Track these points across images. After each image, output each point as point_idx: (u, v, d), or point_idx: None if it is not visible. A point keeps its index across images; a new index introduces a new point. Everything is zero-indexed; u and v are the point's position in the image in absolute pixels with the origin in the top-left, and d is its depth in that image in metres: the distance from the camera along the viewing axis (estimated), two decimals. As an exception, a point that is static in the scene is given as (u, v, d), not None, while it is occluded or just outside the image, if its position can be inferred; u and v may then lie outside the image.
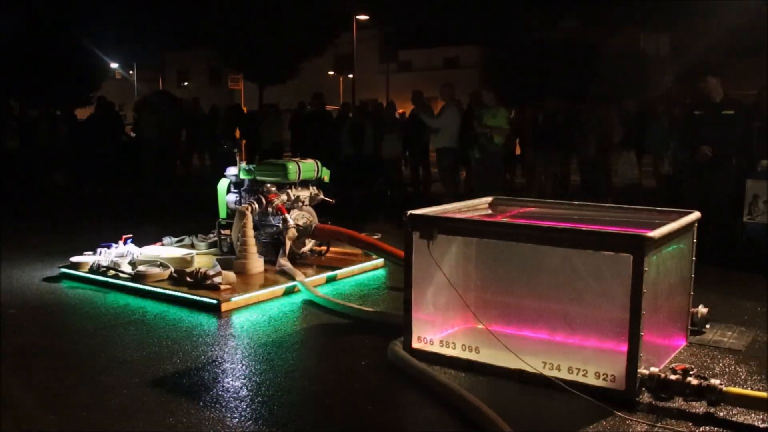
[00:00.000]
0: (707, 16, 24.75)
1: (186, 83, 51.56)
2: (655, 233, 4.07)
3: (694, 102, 9.39)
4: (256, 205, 7.30)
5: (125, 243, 7.44)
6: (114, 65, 41.36)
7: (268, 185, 7.49)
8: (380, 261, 7.65)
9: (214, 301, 6.07)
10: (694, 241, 4.99)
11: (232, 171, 8.01)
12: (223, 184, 8.15)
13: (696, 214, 4.90)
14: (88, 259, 7.24)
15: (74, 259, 7.29)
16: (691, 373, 4.04)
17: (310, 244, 7.78)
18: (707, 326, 5.36)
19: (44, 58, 24.65)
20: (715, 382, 3.91)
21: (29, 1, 26.19)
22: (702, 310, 5.33)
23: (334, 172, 8.57)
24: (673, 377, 4.00)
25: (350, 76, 34.33)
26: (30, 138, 15.66)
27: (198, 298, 6.20)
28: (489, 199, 5.87)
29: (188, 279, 6.49)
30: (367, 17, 32.26)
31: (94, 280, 6.97)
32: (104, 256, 7.15)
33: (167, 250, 7.68)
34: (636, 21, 31.84)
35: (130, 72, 49.19)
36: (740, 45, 25.09)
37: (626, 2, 30.67)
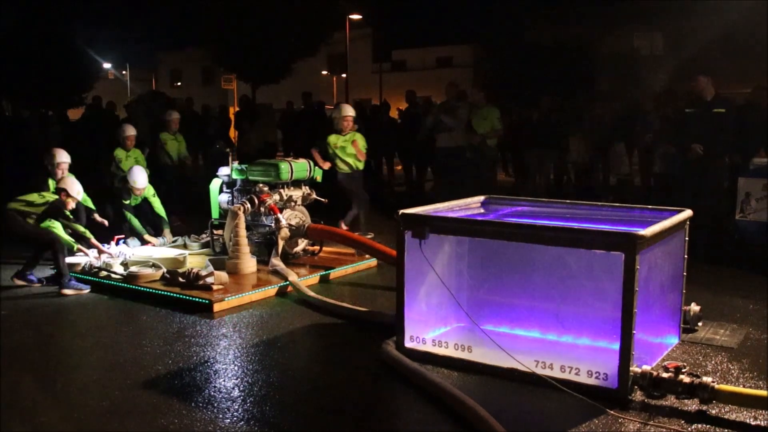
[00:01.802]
0: (701, 14, 24.80)
1: (179, 83, 51.43)
2: (647, 231, 4.08)
3: (686, 100, 9.41)
4: (249, 205, 7.28)
5: (117, 244, 7.42)
6: (107, 65, 41.22)
7: (261, 185, 7.47)
8: (373, 261, 7.65)
9: (207, 302, 6.05)
10: (686, 239, 4.99)
11: (224, 171, 8.00)
12: (215, 185, 8.14)
13: (688, 212, 4.90)
14: (80, 259, 7.21)
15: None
16: (684, 371, 4.05)
17: (302, 243, 7.77)
18: (699, 324, 5.37)
19: (36, 58, 24.54)
20: (707, 379, 3.91)
21: (21, 1, 26.10)
22: (694, 308, 5.34)
23: (326, 172, 8.57)
24: (665, 375, 4.01)
25: (343, 75, 34.29)
26: (21, 138, 15.54)
27: (190, 298, 6.18)
28: (481, 198, 5.87)
29: (181, 279, 6.47)
30: (360, 17, 32.21)
31: (87, 280, 6.94)
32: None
33: (159, 250, 7.66)
34: (630, 19, 31.88)
35: (123, 72, 49.05)
36: (733, 44, 25.16)
37: (620, 1, 30.72)
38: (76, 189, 7.03)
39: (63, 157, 7.70)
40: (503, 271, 5.13)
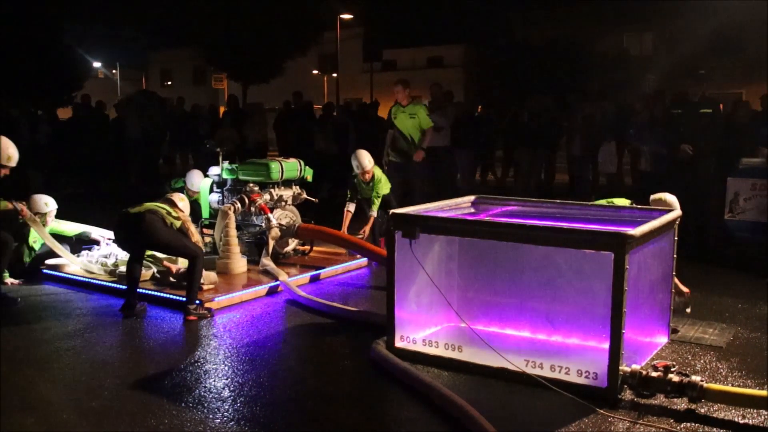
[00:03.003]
0: (691, 15, 24.93)
1: (169, 83, 51.28)
2: (636, 231, 4.09)
3: (674, 101, 9.45)
4: (239, 205, 7.26)
5: (108, 243, 7.39)
6: (97, 64, 41.03)
7: (251, 185, 7.46)
8: (363, 260, 7.65)
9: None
10: (675, 238, 5.02)
11: (214, 170, 7.98)
12: (205, 184, 8.11)
13: (677, 212, 4.93)
14: (62, 261, 7.17)
15: (53, 261, 7.21)
16: (673, 370, 4.08)
17: (293, 243, 7.76)
18: (688, 310, 5.42)
19: (25, 56, 24.41)
20: (696, 378, 3.94)
21: (10, 0, 25.96)
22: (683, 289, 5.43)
23: (317, 171, 8.54)
24: (654, 374, 4.03)
25: (334, 75, 34.29)
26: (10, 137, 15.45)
27: (181, 298, 6.15)
28: (471, 197, 5.88)
29: (171, 279, 6.45)
30: (351, 16, 32.22)
31: (76, 280, 6.91)
32: (88, 257, 7.12)
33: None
34: (620, 20, 32.02)
35: (113, 71, 48.83)
36: (722, 44, 25.30)
37: (610, 1, 30.84)
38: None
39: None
40: (493, 270, 5.14)
